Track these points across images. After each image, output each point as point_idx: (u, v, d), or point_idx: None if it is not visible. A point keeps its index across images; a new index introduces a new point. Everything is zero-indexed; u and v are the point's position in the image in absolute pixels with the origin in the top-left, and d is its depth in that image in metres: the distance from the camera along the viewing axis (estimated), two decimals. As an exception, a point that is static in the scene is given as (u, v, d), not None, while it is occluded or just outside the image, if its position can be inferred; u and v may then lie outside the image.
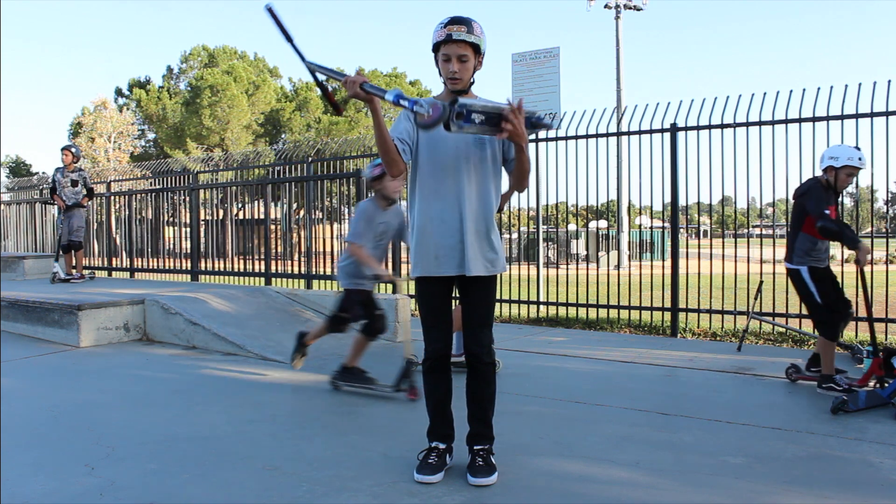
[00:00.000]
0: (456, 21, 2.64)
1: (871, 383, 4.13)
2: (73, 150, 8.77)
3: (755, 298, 6.00)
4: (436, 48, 2.70)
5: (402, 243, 6.86)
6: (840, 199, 4.65)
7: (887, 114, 5.87)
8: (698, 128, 6.72)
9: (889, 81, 5.90)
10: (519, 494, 2.64)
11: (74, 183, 8.61)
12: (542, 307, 7.90)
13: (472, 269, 2.73)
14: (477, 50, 2.69)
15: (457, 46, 2.64)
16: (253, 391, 4.39)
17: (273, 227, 9.11)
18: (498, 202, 2.86)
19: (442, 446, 2.86)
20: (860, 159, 4.24)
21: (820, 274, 4.33)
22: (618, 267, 10.76)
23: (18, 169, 40.56)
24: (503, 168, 2.83)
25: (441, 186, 2.71)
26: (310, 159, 9.57)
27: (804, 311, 6.49)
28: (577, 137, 7.52)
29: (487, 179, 2.76)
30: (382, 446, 3.21)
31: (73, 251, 8.66)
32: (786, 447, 3.20)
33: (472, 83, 2.76)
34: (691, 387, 4.51)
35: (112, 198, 11.08)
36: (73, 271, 8.76)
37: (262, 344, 5.67)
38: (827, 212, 4.14)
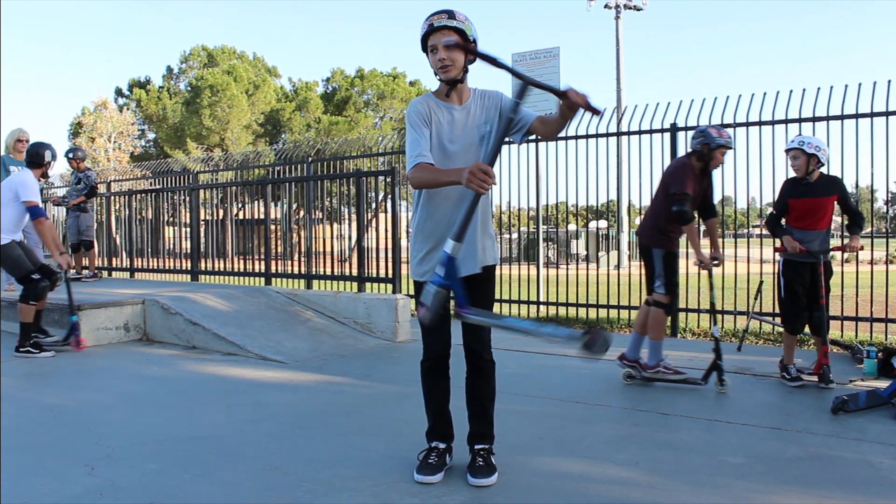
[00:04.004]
0: (436, 12, 2.64)
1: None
2: (80, 153, 8.77)
3: (755, 298, 6.00)
4: (424, 45, 2.68)
5: (405, 242, 6.87)
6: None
7: (887, 114, 5.86)
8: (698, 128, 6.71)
9: (889, 81, 5.90)
10: (519, 494, 2.64)
11: (79, 181, 8.64)
12: (542, 307, 7.89)
13: (475, 266, 2.74)
14: (464, 38, 2.63)
15: (441, 34, 2.61)
16: (253, 391, 4.39)
17: (273, 227, 9.10)
18: (491, 200, 2.89)
19: (442, 446, 2.86)
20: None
21: (790, 268, 4.56)
22: (618, 267, 10.77)
23: (18, 169, 40.49)
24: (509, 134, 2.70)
25: (451, 188, 2.66)
26: (310, 159, 9.58)
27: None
28: (577, 137, 7.52)
29: None
30: (382, 446, 3.21)
31: (84, 250, 8.70)
32: (786, 447, 3.20)
33: (466, 72, 2.69)
34: (691, 387, 4.51)
35: (112, 198, 11.08)
36: (85, 270, 8.78)
37: (262, 344, 5.67)
38: (773, 212, 4.70)
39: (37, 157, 5.75)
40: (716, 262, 4.58)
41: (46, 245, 5.67)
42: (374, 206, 10.89)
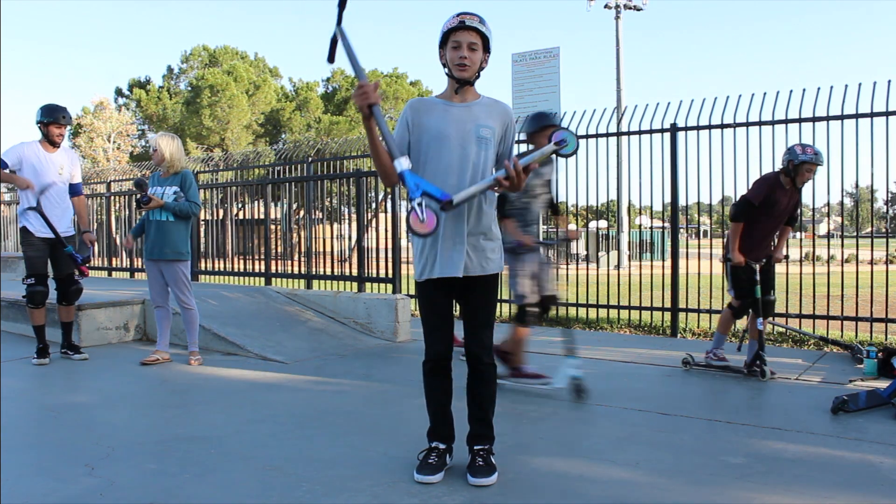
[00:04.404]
0: (468, 12, 2.69)
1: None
2: None
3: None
4: (444, 39, 2.71)
5: (405, 242, 6.87)
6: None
7: (887, 114, 5.86)
8: (698, 128, 6.72)
9: (889, 81, 5.90)
10: (519, 494, 2.64)
11: None
12: (542, 307, 7.88)
13: (478, 269, 2.74)
14: (486, 44, 2.71)
15: (468, 34, 2.67)
16: (253, 391, 4.39)
17: (273, 227, 9.10)
18: (494, 201, 2.86)
19: (442, 446, 2.86)
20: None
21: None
22: (618, 267, 10.76)
23: (18, 169, 40.43)
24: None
25: (445, 187, 2.67)
26: (310, 159, 9.57)
27: (804, 312, 6.57)
28: (576, 137, 7.51)
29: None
30: (382, 446, 3.21)
31: None
32: (786, 447, 3.20)
33: (478, 78, 2.76)
34: (691, 387, 4.51)
35: (112, 198, 11.08)
36: None
37: (262, 344, 5.67)
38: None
39: None
40: (774, 260, 4.85)
41: None
42: (374, 206, 10.89)
